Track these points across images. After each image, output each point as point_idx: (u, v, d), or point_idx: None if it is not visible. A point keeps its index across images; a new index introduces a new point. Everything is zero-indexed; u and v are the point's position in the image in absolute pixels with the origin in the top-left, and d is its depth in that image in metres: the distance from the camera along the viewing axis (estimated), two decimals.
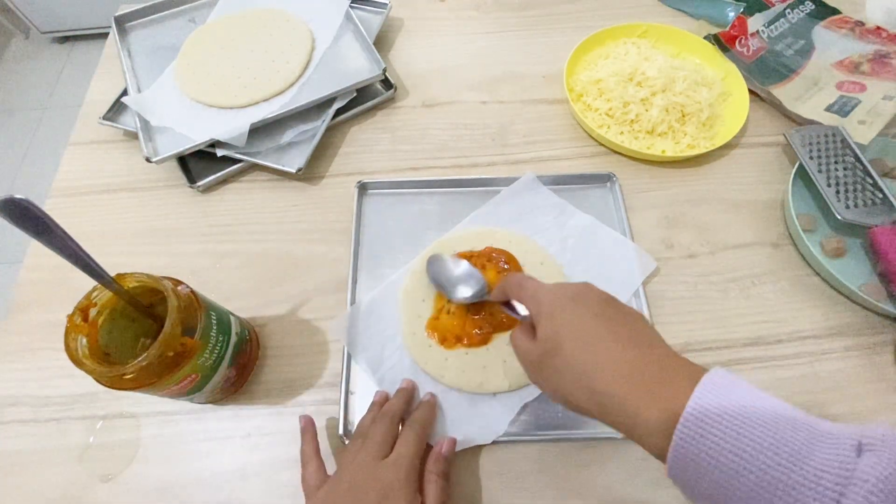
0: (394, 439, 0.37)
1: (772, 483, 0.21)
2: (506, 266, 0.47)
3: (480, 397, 0.43)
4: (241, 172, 0.56)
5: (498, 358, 0.43)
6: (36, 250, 0.52)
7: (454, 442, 0.39)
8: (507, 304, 0.38)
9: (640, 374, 0.27)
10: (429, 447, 0.39)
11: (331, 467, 0.38)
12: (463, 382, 0.43)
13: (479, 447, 0.41)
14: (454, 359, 0.43)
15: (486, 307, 0.45)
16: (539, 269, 0.48)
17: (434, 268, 0.46)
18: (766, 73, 0.60)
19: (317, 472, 0.36)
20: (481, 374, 0.43)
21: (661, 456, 0.25)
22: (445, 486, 0.36)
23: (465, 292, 0.43)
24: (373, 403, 0.41)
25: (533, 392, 0.43)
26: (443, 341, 0.44)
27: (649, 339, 0.30)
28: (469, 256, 0.48)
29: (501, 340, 0.44)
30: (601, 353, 0.28)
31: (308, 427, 0.40)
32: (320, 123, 0.57)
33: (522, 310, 0.36)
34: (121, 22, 0.65)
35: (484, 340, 0.44)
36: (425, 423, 0.39)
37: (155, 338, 0.32)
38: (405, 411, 0.40)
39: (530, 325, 0.34)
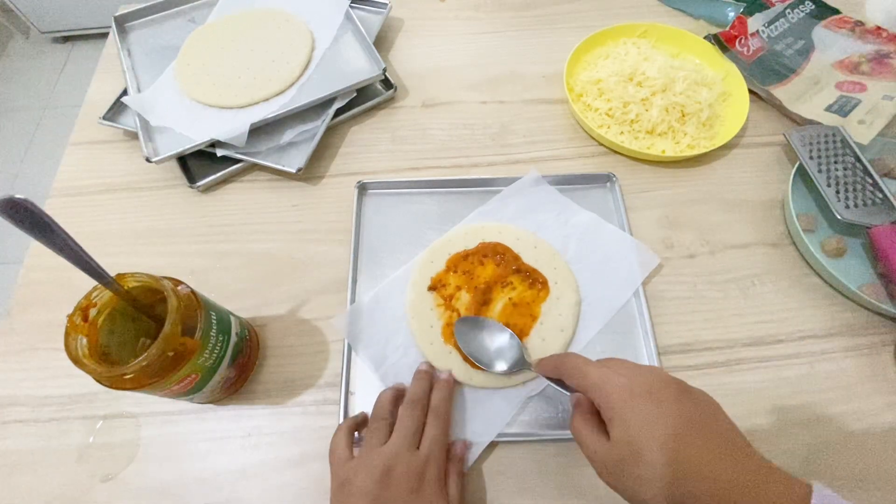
0: (423, 425, 0.38)
1: None
2: (501, 257, 0.48)
3: (485, 393, 0.43)
4: (241, 172, 0.56)
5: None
6: (36, 250, 0.52)
7: (466, 445, 0.40)
8: (558, 381, 0.36)
9: (739, 491, 0.26)
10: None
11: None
12: (489, 379, 0.43)
13: None
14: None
15: (500, 300, 0.45)
16: (532, 252, 0.48)
17: (464, 334, 0.43)
18: (766, 73, 0.60)
19: (346, 447, 0.37)
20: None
21: None
22: (464, 483, 0.38)
23: (501, 366, 0.41)
24: (388, 388, 0.42)
25: (536, 388, 0.43)
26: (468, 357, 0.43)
27: (733, 440, 0.28)
28: (464, 256, 0.48)
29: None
30: (690, 465, 0.26)
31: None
32: (320, 123, 0.57)
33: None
34: (121, 22, 0.65)
35: None
36: (447, 407, 0.40)
37: (155, 338, 0.32)
38: (429, 392, 0.41)
39: (592, 413, 0.32)
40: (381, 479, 0.34)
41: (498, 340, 0.43)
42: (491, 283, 0.46)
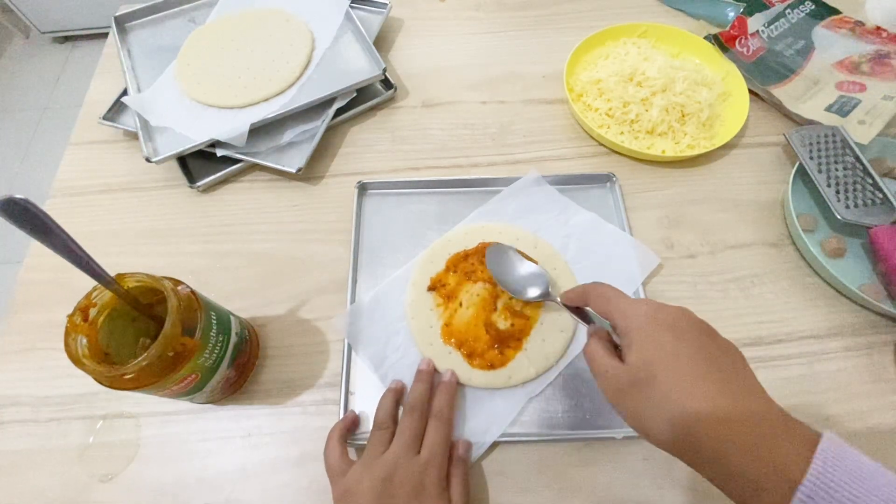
0: (423, 430, 0.38)
1: None
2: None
3: (485, 394, 0.43)
4: (241, 172, 0.56)
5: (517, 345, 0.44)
6: (36, 250, 0.52)
7: (469, 445, 0.40)
8: (577, 309, 0.37)
9: (748, 428, 0.26)
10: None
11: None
12: (489, 379, 0.43)
13: None
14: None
15: (501, 300, 0.45)
16: (532, 251, 0.48)
17: (496, 264, 0.45)
18: (766, 73, 0.60)
19: (341, 457, 0.37)
20: (507, 368, 0.43)
21: None
22: (468, 482, 0.38)
23: (532, 292, 0.43)
24: (389, 390, 0.42)
25: (537, 388, 0.43)
26: (468, 356, 0.43)
27: (751, 386, 0.28)
28: (464, 256, 0.48)
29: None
30: (702, 397, 0.26)
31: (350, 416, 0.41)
32: (320, 123, 0.57)
33: (598, 319, 0.35)
34: (121, 22, 0.65)
35: (503, 361, 0.43)
36: (449, 411, 0.40)
37: (155, 338, 0.32)
38: (429, 395, 0.41)
39: (609, 340, 0.33)
40: (383, 487, 0.34)
41: (526, 269, 0.45)
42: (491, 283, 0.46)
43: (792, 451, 0.24)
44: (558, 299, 0.39)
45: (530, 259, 0.46)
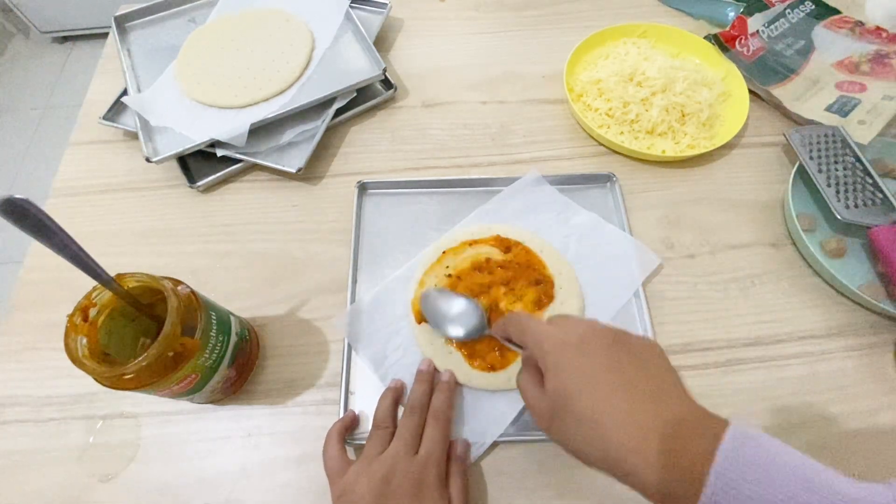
0: (422, 430, 0.38)
1: None
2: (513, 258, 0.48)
3: (485, 395, 0.43)
4: (241, 172, 0.56)
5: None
6: (36, 250, 0.52)
7: (468, 444, 0.40)
8: (510, 339, 0.37)
9: (656, 433, 0.25)
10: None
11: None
12: (490, 380, 0.43)
13: None
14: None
15: (503, 302, 0.45)
16: (538, 254, 0.48)
17: (427, 305, 0.44)
18: (766, 73, 0.60)
19: (340, 457, 0.38)
20: (507, 370, 0.43)
21: None
22: (467, 481, 0.38)
23: (457, 331, 0.42)
24: (388, 390, 0.42)
25: None
26: (469, 356, 0.43)
27: (666, 389, 0.28)
28: (473, 262, 0.48)
29: None
30: (614, 411, 0.26)
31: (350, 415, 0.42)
32: (320, 123, 0.57)
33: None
34: (121, 22, 0.65)
35: (504, 364, 0.43)
36: (448, 411, 0.40)
37: (155, 338, 0.32)
38: (429, 396, 0.41)
39: (536, 369, 0.32)
40: (381, 487, 0.34)
41: (457, 307, 0.43)
42: (494, 285, 0.46)
43: (700, 450, 0.23)
44: (489, 331, 0.39)
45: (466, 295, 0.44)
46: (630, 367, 0.28)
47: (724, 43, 0.61)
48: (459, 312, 0.43)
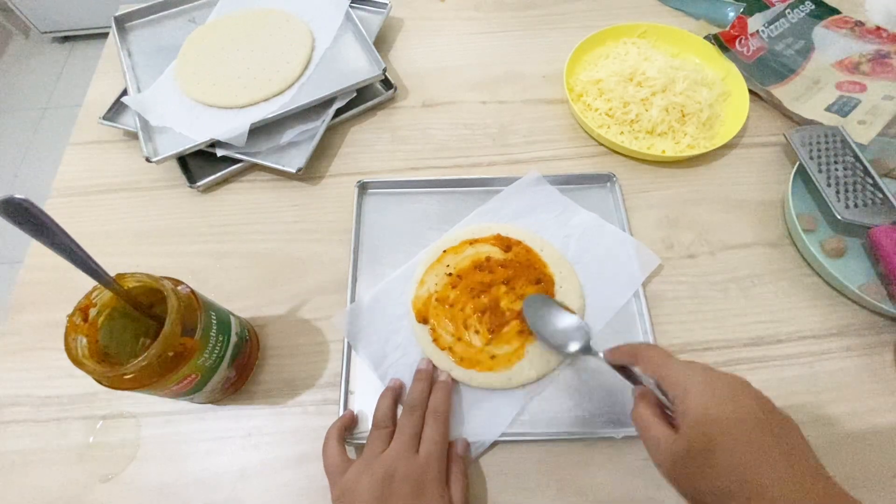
0: (421, 429, 0.38)
1: None
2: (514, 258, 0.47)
3: (485, 394, 0.43)
4: (241, 172, 0.56)
5: (520, 351, 0.44)
6: (36, 250, 0.52)
7: (468, 443, 0.40)
8: (622, 367, 0.36)
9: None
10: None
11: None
12: (489, 380, 0.42)
13: None
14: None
15: (504, 302, 0.45)
16: (539, 254, 0.48)
17: (534, 316, 0.43)
18: (766, 73, 0.60)
19: (340, 456, 0.38)
20: (508, 370, 0.43)
21: None
22: (467, 481, 0.38)
23: (573, 346, 0.40)
24: (387, 389, 0.42)
25: (536, 389, 0.43)
26: (461, 361, 0.43)
27: (813, 464, 0.27)
28: (472, 243, 0.48)
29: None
30: (768, 473, 0.25)
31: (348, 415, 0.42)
32: (320, 123, 0.57)
33: (644, 378, 0.34)
34: (121, 22, 0.65)
35: (495, 365, 0.43)
36: (445, 409, 0.40)
37: (155, 338, 0.32)
38: (428, 394, 0.41)
39: (657, 404, 0.32)
40: (382, 486, 0.34)
41: (567, 321, 0.42)
42: (494, 284, 0.46)
43: None
44: (600, 355, 0.38)
45: (568, 309, 0.44)
46: (780, 432, 0.27)
47: (724, 43, 0.61)
48: (567, 327, 0.42)
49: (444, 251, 0.48)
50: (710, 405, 0.28)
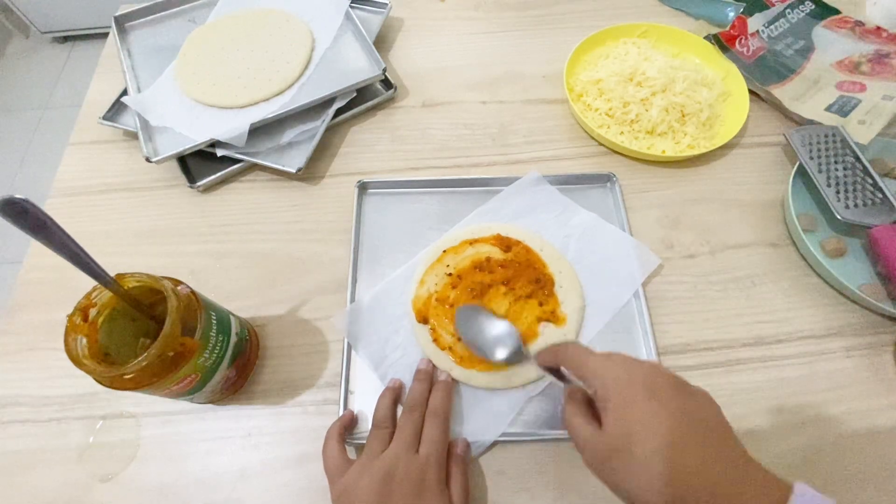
0: (421, 429, 0.38)
1: None
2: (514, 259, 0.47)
3: (485, 394, 0.43)
4: (241, 172, 0.56)
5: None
6: (36, 250, 0.52)
7: (468, 443, 0.40)
8: (552, 368, 0.36)
9: (725, 491, 0.25)
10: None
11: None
12: (489, 380, 0.42)
13: None
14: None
15: (504, 303, 0.45)
16: (539, 253, 0.48)
17: (465, 325, 0.43)
18: (766, 73, 0.60)
19: (340, 456, 0.38)
20: (508, 370, 0.43)
21: None
22: (468, 481, 0.38)
23: (501, 353, 0.40)
24: (387, 389, 0.42)
25: (536, 388, 0.43)
26: (461, 361, 0.43)
27: (730, 444, 0.28)
28: (472, 243, 0.48)
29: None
30: (681, 461, 0.26)
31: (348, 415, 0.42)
32: (320, 123, 0.57)
33: (573, 378, 0.34)
34: (121, 22, 0.65)
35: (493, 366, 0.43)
36: (445, 409, 0.40)
37: (155, 338, 0.32)
38: (428, 394, 0.41)
39: (585, 401, 0.32)
40: (382, 486, 0.34)
41: (497, 329, 0.42)
42: (494, 284, 0.46)
43: None
44: (531, 359, 0.38)
45: (501, 317, 0.44)
46: (697, 416, 0.28)
47: (724, 43, 0.61)
48: (498, 335, 0.42)
49: (444, 251, 0.48)
50: (627, 401, 0.28)
